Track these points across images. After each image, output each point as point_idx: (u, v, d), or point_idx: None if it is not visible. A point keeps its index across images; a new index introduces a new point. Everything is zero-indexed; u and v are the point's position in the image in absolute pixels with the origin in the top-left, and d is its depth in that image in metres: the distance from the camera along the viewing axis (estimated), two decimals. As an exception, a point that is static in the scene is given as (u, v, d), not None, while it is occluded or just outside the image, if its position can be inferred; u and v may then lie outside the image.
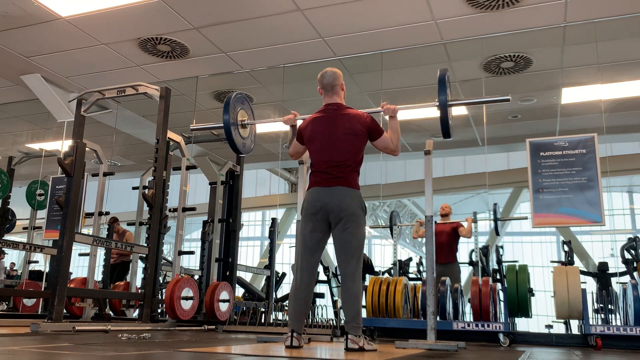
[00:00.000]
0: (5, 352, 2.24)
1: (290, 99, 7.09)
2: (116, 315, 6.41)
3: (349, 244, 3.12)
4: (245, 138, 4.03)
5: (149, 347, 2.79)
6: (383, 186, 10.86)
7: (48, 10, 5.10)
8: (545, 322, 6.91)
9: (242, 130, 3.99)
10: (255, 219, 16.02)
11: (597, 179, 4.86)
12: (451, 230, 6.18)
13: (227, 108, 3.81)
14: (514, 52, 5.83)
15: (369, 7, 4.93)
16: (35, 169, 8.44)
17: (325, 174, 3.19)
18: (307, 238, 3.23)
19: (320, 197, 3.16)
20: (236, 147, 3.89)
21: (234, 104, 3.89)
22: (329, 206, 3.13)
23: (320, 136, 3.27)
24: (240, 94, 4.02)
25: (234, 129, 3.86)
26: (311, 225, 3.21)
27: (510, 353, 3.54)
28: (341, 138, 3.23)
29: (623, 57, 5.91)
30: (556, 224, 5.40)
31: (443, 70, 3.57)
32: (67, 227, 4.37)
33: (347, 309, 3.09)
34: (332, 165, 3.19)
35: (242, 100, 4.02)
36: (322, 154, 3.24)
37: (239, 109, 3.95)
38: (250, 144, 4.11)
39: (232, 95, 3.90)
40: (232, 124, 3.85)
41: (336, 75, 3.42)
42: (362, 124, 3.28)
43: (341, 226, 3.13)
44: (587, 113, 7.17)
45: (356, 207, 3.14)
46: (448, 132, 3.59)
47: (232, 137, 3.84)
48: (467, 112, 7.34)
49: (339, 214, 3.12)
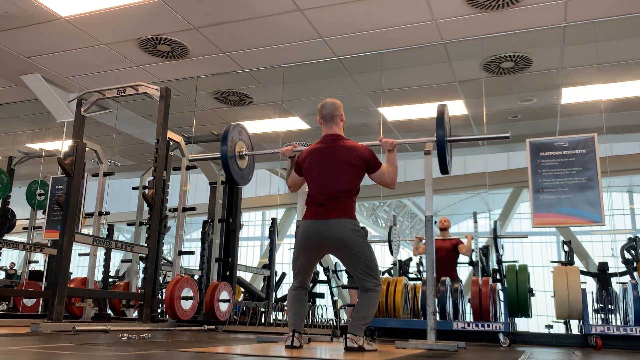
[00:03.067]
0: (5, 352, 2.24)
1: (290, 99, 7.08)
2: (116, 315, 6.41)
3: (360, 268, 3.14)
4: (243, 169, 4.05)
5: (149, 347, 2.79)
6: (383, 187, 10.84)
7: (48, 10, 5.10)
8: (545, 322, 6.91)
9: (240, 161, 4.01)
10: (255, 219, 16.02)
11: (597, 179, 4.86)
12: (451, 247, 6.09)
13: (225, 139, 3.84)
14: (514, 52, 5.83)
15: (369, 7, 4.93)
16: (35, 169, 8.44)
17: (322, 206, 3.18)
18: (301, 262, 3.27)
19: (314, 229, 3.16)
20: (233, 179, 3.92)
21: (232, 136, 3.91)
22: (324, 239, 3.14)
23: (318, 167, 3.28)
24: (237, 125, 4.04)
25: (231, 162, 3.89)
26: (305, 255, 3.25)
27: (510, 353, 3.54)
28: (339, 169, 3.23)
29: (623, 57, 5.91)
30: (556, 224, 5.39)
31: (442, 107, 3.60)
32: (67, 227, 4.37)
33: (358, 311, 3.11)
34: (329, 197, 3.18)
35: (239, 131, 4.04)
36: (319, 184, 3.24)
37: (237, 140, 3.98)
38: (248, 174, 4.14)
39: (229, 127, 3.91)
40: (230, 157, 3.87)
41: (336, 106, 3.39)
42: (359, 156, 3.27)
43: (345, 255, 3.17)
44: (587, 113, 7.17)
45: (354, 236, 3.13)
46: (446, 168, 3.57)
47: (229, 170, 3.88)
48: (467, 112, 7.34)
49: (337, 246, 3.15)
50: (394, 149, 3.46)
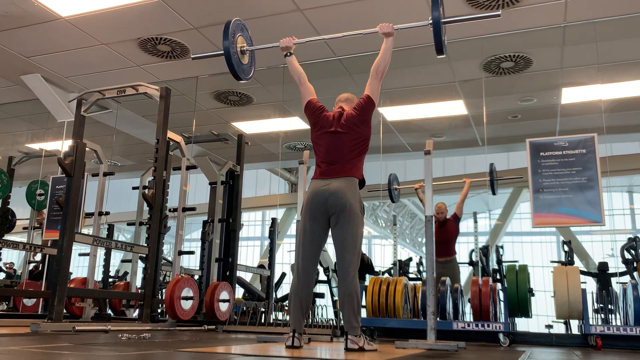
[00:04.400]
0: (5, 352, 2.24)
1: (290, 99, 7.08)
2: (116, 315, 6.41)
3: (345, 240, 3.16)
4: (245, 64, 3.99)
5: (149, 347, 2.79)
6: (383, 186, 10.85)
7: (48, 10, 5.10)
8: (545, 322, 6.90)
9: (242, 56, 3.96)
10: (255, 219, 16.02)
11: (597, 179, 4.86)
12: (451, 227, 6.13)
13: (226, 33, 3.75)
14: (514, 52, 5.83)
15: (369, 7, 4.93)
16: (35, 169, 8.43)
17: (329, 165, 3.28)
18: (307, 234, 3.25)
19: (321, 186, 3.22)
20: (236, 73, 3.84)
21: (234, 29, 3.84)
22: (330, 197, 3.18)
23: (326, 141, 3.34)
24: (238, 20, 3.94)
25: (233, 54, 3.83)
26: (311, 221, 3.24)
27: (510, 353, 3.54)
28: (347, 143, 3.29)
29: (623, 57, 5.91)
30: (556, 224, 5.40)
31: None
32: (67, 227, 4.37)
33: (344, 307, 3.10)
34: (336, 162, 3.28)
35: (240, 26, 3.98)
36: (327, 156, 3.32)
37: (238, 35, 3.91)
38: (249, 69, 4.06)
39: (231, 21, 3.83)
40: (232, 51, 3.81)
41: (352, 98, 3.55)
42: (355, 109, 3.38)
43: (340, 222, 3.17)
44: (587, 113, 7.17)
45: (355, 205, 3.18)
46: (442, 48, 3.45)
47: (232, 63, 3.80)
48: (467, 112, 7.34)
49: (338, 204, 3.17)
50: (392, 33, 3.43)
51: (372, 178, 9.91)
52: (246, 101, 7.27)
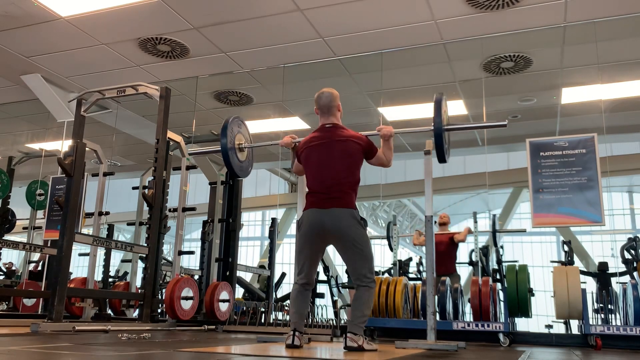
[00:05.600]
0: (5, 352, 2.24)
1: (290, 99, 7.08)
2: (116, 315, 6.41)
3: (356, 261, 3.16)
4: (243, 162, 4.07)
5: (149, 347, 2.79)
6: (383, 186, 10.86)
7: (48, 10, 5.10)
8: (545, 322, 6.91)
9: (240, 153, 4.03)
10: (255, 219, 16.02)
11: (597, 179, 4.86)
12: (449, 240, 6.15)
13: (224, 132, 3.86)
14: (514, 52, 5.83)
15: (369, 7, 4.93)
16: (35, 169, 8.43)
17: (322, 194, 3.20)
18: (304, 253, 3.27)
19: (317, 219, 3.18)
20: (234, 170, 3.97)
21: (232, 127, 3.93)
22: (326, 229, 3.16)
23: (317, 158, 3.31)
24: (237, 117, 4.06)
25: (231, 153, 3.91)
26: (308, 244, 3.25)
27: (510, 353, 3.54)
28: (337, 160, 3.26)
29: (623, 57, 5.91)
30: (556, 224, 5.40)
31: (439, 96, 3.60)
32: (67, 227, 4.37)
33: (354, 310, 3.12)
34: (328, 186, 3.21)
35: (238, 123, 4.07)
36: (318, 175, 3.27)
37: (237, 132, 4.00)
38: (247, 166, 4.17)
39: (229, 119, 3.93)
40: (230, 149, 3.90)
41: (332, 97, 3.40)
42: (357, 145, 3.30)
43: (343, 245, 3.18)
44: (587, 113, 7.17)
45: (354, 225, 3.16)
46: (443, 156, 3.60)
47: (229, 161, 3.91)
48: (467, 112, 7.33)
49: (337, 236, 3.17)
50: (391, 138, 3.46)
51: (372, 178, 9.93)
52: (246, 101, 7.27)
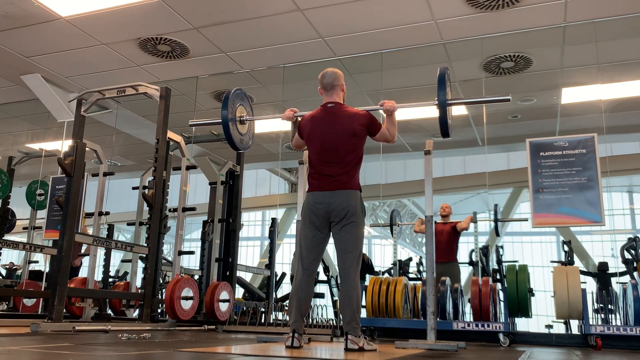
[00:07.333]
0: (5, 352, 2.24)
1: (290, 99, 7.08)
2: (116, 315, 6.41)
3: (347, 241, 3.16)
4: (243, 134, 4.00)
5: (149, 347, 2.79)
6: (383, 186, 10.85)
7: (48, 10, 5.10)
8: (545, 322, 6.91)
9: (241, 126, 3.96)
10: (255, 219, 16.01)
11: (597, 179, 4.86)
12: (451, 229, 6.22)
13: (226, 103, 3.78)
14: (514, 52, 5.83)
15: (369, 7, 4.93)
16: (35, 169, 8.43)
17: (326, 177, 3.21)
18: (309, 239, 3.25)
19: (321, 199, 3.20)
20: (234, 143, 3.86)
21: (233, 99, 3.86)
22: (331, 207, 3.17)
23: (319, 136, 3.30)
24: (239, 90, 3.98)
25: (232, 125, 3.83)
26: (312, 228, 3.24)
27: (510, 353, 3.54)
28: (340, 138, 3.25)
29: (623, 57, 5.91)
30: (556, 224, 5.40)
31: (443, 69, 3.54)
32: (67, 227, 4.37)
33: (345, 308, 3.10)
34: (332, 166, 3.21)
35: (241, 96, 3.99)
36: (321, 154, 3.27)
37: (238, 105, 3.93)
38: (248, 140, 4.07)
39: (231, 91, 3.86)
40: (231, 120, 3.82)
41: (336, 76, 3.42)
42: (360, 123, 3.29)
43: (341, 225, 3.17)
44: (587, 113, 7.17)
45: (356, 207, 3.18)
46: (447, 131, 3.56)
47: (229, 133, 3.81)
48: (467, 112, 7.34)
49: (340, 213, 3.16)
50: (394, 113, 3.43)
51: (372, 178, 9.92)
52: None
